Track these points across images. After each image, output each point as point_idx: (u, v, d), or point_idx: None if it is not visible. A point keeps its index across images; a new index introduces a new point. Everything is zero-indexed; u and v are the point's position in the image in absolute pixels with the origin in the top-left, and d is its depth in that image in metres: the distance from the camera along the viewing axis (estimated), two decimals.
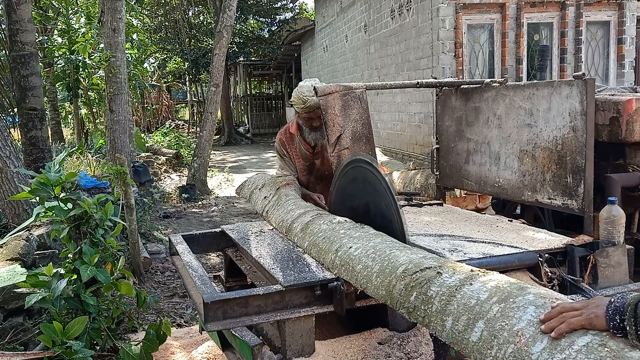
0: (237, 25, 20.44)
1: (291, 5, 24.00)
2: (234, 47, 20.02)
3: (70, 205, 2.81)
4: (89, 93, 13.07)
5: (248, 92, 25.97)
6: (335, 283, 2.04)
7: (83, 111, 14.48)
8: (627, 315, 1.06)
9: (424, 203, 3.49)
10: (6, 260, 3.51)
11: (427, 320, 1.53)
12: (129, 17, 15.27)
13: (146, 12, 21.42)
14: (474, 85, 3.38)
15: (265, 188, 3.14)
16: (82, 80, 12.22)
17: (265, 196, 3.07)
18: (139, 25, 19.09)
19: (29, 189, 2.77)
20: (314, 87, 2.95)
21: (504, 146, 3.12)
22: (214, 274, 3.31)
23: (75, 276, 2.72)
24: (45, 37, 11.80)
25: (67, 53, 11.35)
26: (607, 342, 1.08)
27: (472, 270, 1.57)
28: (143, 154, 11.89)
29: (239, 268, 2.75)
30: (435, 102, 3.77)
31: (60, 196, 2.79)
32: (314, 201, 3.04)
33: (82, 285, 2.68)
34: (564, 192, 2.73)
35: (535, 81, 5.41)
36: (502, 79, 3.29)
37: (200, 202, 9.00)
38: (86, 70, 11.53)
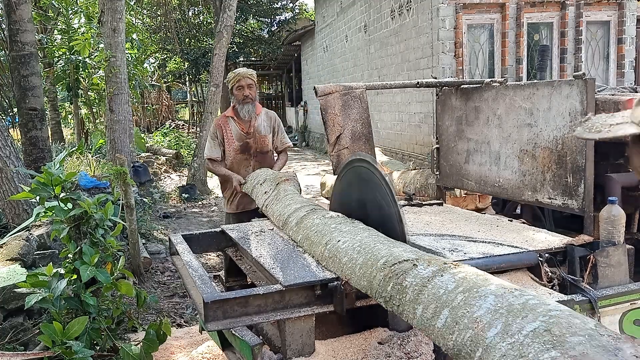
0: (237, 25, 20.43)
1: (291, 5, 23.99)
2: (234, 47, 20.01)
3: (70, 205, 2.81)
4: (89, 93, 13.07)
5: None
6: (336, 283, 2.04)
7: (83, 111, 14.48)
8: None
9: (424, 203, 3.49)
10: (6, 260, 3.51)
11: (401, 308, 1.62)
12: (129, 16, 15.26)
13: (146, 12, 21.42)
14: (474, 85, 3.38)
15: (266, 183, 3.23)
16: (82, 80, 12.22)
17: (265, 191, 3.15)
18: (138, 24, 19.09)
19: (29, 188, 2.77)
20: (314, 87, 2.98)
21: (504, 146, 3.12)
22: (214, 273, 3.31)
23: (75, 276, 2.72)
24: (45, 37, 11.79)
25: (67, 53, 11.35)
26: (552, 329, 1.15)
27: (445, 263, 1.64)
28: (143, 154, 11.89)
29: (239, 268, 2.75)
30: (435, 102, 3.77)
31: (60, 196, 2.79)
32: (234, 181, 3.59)
33: (82, 285, 2.68)
34: (564, 192, 2.73)
35: (535, 81, 5.41)
36: (502, 79, 3.29)
37: (200, 202, 9.00)
38: (86, 71, 11.53)
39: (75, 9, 12.12)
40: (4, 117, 9.20)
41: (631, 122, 0.77)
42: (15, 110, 8.23)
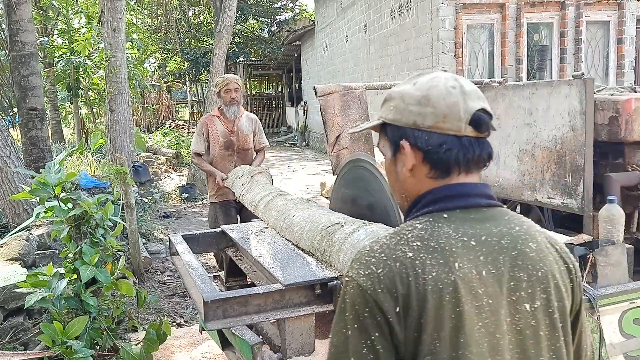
0: (237, 25, 20.41)
1: (291, 5, 23.98)
2: (234, 47, 19.99)
3: (70, 205, 2.81)
4: (89, 93, 13.06)
5: (248, 92, 25.93)
6: (335, 282, 2.04)
7: (83, 111, 14.47)
8: None
9: None
10: (6, 260, 3.52)
11: (331, 257, 2.12)
12: (129, 16, 15.25)
13: (146, 12, 21.41)
14: None
15: (243, 177, 3.70)
16: (82, 80, 12.21)
17: (242, 183, 3.59)
18: (139, 23, 19.09)
19: (29, 188, 2.78)
20: (314, 87, 2.99)
21: (504, 146, 3.13)
22: (214, 273, 3.32)
23: (75, 276, 2.72)
24: (46, 37, 11.79)
25: (68, 53, 11.34)
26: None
27: (364, 223, 2.15)
28: (143, 154, 11.88)
29: (239, 268, 2.75)
30: None
31: (61, 196, 2.79)
32: (217, 177, 4.00)
33: (82, 285, 2.69)
34: (564, 192, 2.73)
35: (534, 81, 5.41)
36: (502, 79, 3.30)
37: (200, 202, 9.00)
38: (86, 72, 11.51)
39: (76, 9, 12.12)
40: (4, 117, 9.21)
41: (379, 118, 1.09)
42: (15, 110, 8.24)
